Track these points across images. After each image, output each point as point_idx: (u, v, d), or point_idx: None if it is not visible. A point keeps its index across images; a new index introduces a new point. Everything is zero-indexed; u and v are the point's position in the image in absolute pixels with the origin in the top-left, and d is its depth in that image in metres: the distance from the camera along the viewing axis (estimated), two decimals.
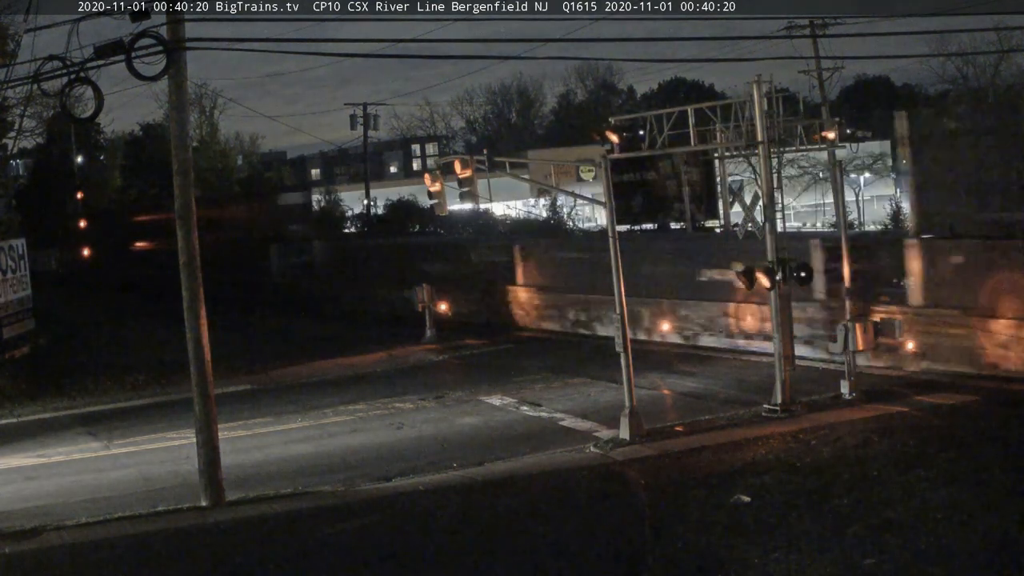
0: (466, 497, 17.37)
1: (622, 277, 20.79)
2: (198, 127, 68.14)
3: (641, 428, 20.32)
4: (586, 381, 26.57)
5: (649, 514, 15.98)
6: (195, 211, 17.87)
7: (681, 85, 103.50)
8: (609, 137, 21.87)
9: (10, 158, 41.87)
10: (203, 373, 17.86)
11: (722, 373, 26.49)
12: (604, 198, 21.40)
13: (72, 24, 17.56)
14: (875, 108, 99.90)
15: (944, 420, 19.89)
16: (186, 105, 17.94)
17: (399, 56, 67.67)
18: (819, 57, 49.43)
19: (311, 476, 19.25)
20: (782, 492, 16.32)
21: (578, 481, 17.99)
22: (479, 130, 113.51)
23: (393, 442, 21.69)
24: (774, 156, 22.12)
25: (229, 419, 22.93)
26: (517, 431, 21.94)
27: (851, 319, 22.46)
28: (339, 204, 63.45)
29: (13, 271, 31.89)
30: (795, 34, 49.03)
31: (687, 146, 23.57)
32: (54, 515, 17.38)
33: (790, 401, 21.42)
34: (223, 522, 16.69)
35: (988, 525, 14.17)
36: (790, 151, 25.47)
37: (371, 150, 72.31)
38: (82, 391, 29.03)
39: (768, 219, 21.63)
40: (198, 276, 17.83)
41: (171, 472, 20.16)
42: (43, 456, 22.30)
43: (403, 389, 27.22)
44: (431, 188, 23.38)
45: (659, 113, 23.47)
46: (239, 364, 30.46)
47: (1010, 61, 72.78)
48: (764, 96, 21.51)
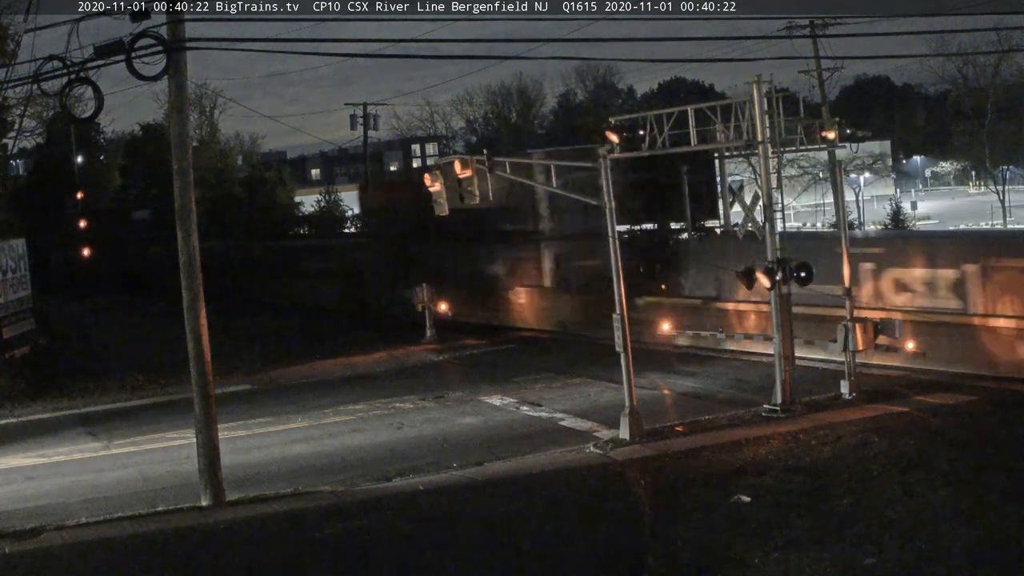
0: (466, 497, 17.37)
1: (622, 279, 20.79)
2: (198, 127, 68.09)
3: (641, 428, 20.32)
4: (586, 381, 26.58)
5: (649, 514, 15.99)
6: (195, 211, 17.88)
7: (681, 85, 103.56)
8: (609, 137, 21.86)
9: (10, 158, 41.82)
10: (203, 373, 17.85)
11: (722, 373, 26.48)
12: (604, 198, 21.39)
13: (72, 24, 17.57)
14: (875, 108, 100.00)
15: (944, 420, 19.89)
16: (186, 105, 17.94)
17: (400, 56, 67.88)
18: (819, 57, 49.49)
19: (311, 476, 19.25)
20: (782, 492, 16.32)
21: (578, 481, 17.98)
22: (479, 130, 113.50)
23: (393, 442, 21.69)
24: (774, 156, 22.10)
25: (229, 419, 22.95)
26: (517, 431, 21.93)
27: (851, 319, 22.46)
28: (339, 204, 63.42)
29: (13, 271, 31.88)
30: (795, 34, 49.10)
31: (687, 146, 23.57)
32: (54, 515, 17.38)
33: (790, 401, 21.42)
34: (223, 522, 16.69)
35: (988, 525, 14.18)
36: (790, 151, 25.42)
37: (371, 150, 72.26)
38: (82, 391, 29.06)
39: (768, 219, 21.64)
40: (198, 276, 17.82)
41: (171, 472, 20.16)
42: (43, 456, 22.31)
43: (403, 389, 27.24)
44: (431, 188, 23.39)
45: (659, 113, 23.46)
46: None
47: (1010, 61, 72.80)
48: (764, 96, 21.50)
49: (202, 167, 57.52)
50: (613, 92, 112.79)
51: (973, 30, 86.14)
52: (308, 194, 69.50)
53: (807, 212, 72.07)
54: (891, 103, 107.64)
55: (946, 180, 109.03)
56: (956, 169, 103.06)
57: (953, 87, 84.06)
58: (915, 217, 61.85)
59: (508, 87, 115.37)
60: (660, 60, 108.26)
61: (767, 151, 21.76)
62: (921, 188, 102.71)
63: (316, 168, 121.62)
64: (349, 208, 63.62)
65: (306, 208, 65.34)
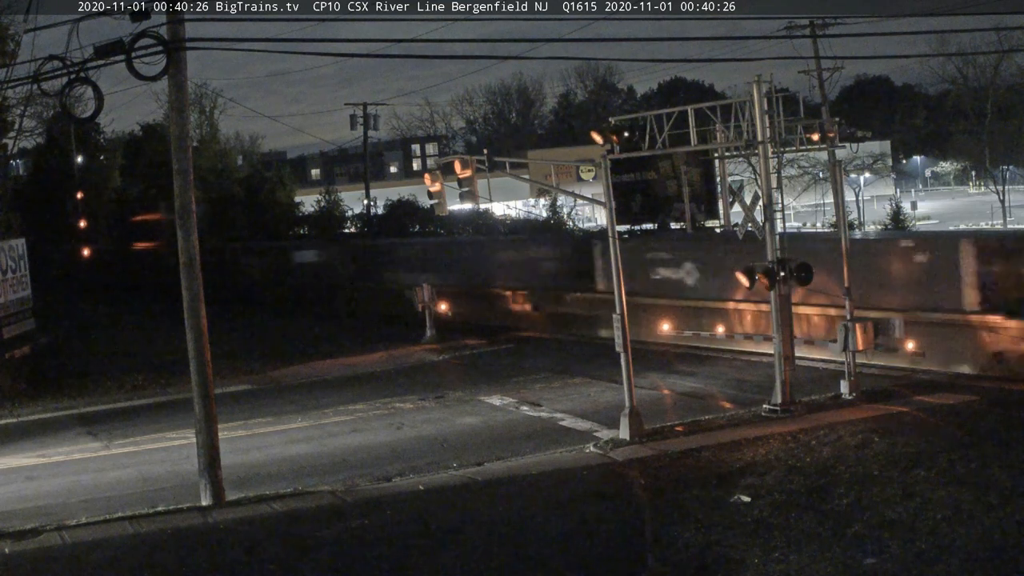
0: (466, 497, 17.37)
1: (620, 279, 20.80)
2: (198, 127, 68.02)
3: (641, 428, 20.32)
4: (586, 381, 26.58)
5: (649, 514, 15.98)
6: (195, 211, 17.89)
7: (681, 85, 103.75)
8: (609, 137, 21.86)
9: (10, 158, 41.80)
10: (203, 373, 17.86)
11: (722, 373, 26.49)
12: (604, 198, 21.40)
13: (72, 24, 17.60)
14: (875, 108, 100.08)
15: (944, 420, 19.89)
16: (186, 105, 17.94)
17: (400, 56, 67.74)
18: (819, 57, 49.47)
19: (311, 476, 19.26)
20: (782, 492, 16.32)
21: (578, 481, 17.98)
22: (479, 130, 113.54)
23: (393, 442, 21.69)
24: (774, 156, 22.10)
25: (229, 419, 22.96)
26: (517, 431, 21.93)
27: (851, 319, 22.46)
28: (339, 204, 63.37)
29: (13, 271, 31.86)
30: (795, 34, 49.09)
31: (687, 146, 23.58)
32: (54, 515, 17.38)
33: (790, 401, 21.42)
34: (223, 522, 16.69)
35: (988, 525, 14.18)
36: (790, 151, 25.44)
37: (371, 150, 72.23)
38: (82, 391, 29.07)
39: (768, 219, 21.64)
40: (198, 276, 17.83)
41: (171, 472, 20.16)
42: (43, 456, 22.31)
43: (403, 389, 27.24)
44: (431, 188, 23.42)
45: (659, 113, 23.47)
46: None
47: (1010, 61, 72.89)
48: (764, 96, 21.50)
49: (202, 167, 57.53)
50: (613, 92, 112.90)
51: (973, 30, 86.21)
52: (308, 194, 69.43)
53: (807, 212, 72.08)
54: (891, 103, 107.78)
55: (946, 180, 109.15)
56: (956, 169, 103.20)
57: (953, 87, 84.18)
58: (915, 217, 61.83)
59: (508, 87, 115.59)
60: (660, 60, 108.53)
61: (767, 151, 21.76)
62: (921, 188, 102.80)
63: (316, 168, 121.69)
64: (349, 208, 63.60)
65: (306, 208, 65.28)
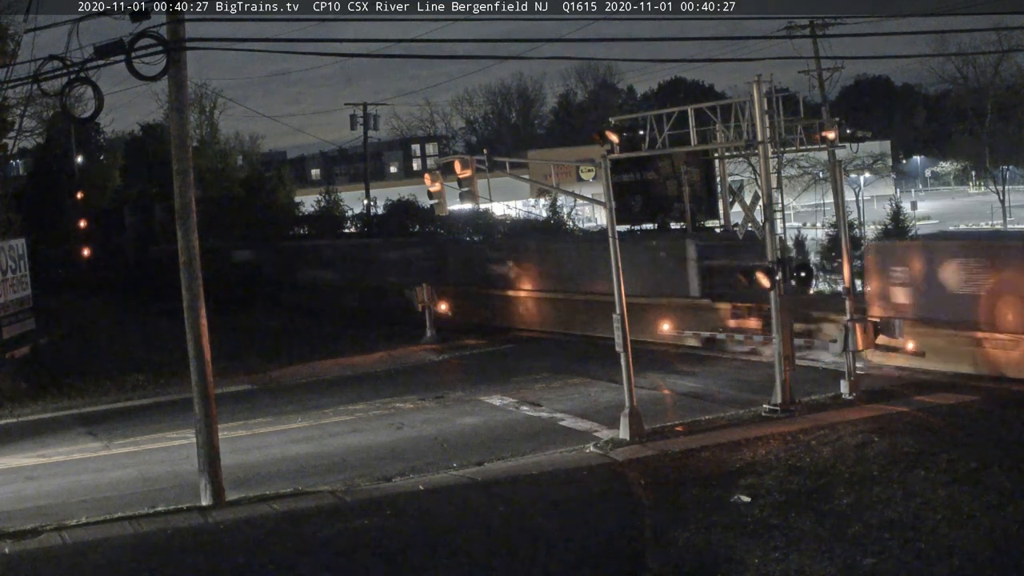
0: (466, 497, 17.37)
1: (622, 277, 20.80)
2: (198, 127, 68.07)
3: (641, 428, 20.31)
4: (586, 381, 26.58)
5: (649, 514, 15.98)
6: (195, 211, 17.88)
7: (681, 85, 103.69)
8: (609, 137, 21.87)
9: (10, 158, 41.83)
10: (203, 373, 17.85)
11: (722, 373, 26.49)
12: (604, 198, 21.40)
13: (72, 24, 17.59)
14: (875, 108, 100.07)
15: (944, 420, 19.88)
16: (186, 105, 17.94)
17: (401, 56, 67.67)
18: (819, 57, 49.43)
19: (311, 476, 19.25)
20: (782, 492, 16.32)
21: (578, 481, 17.98)
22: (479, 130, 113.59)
23: (393, 442, 21.69)
24: (774, 156, 22.10)
25: (229, 419, 22.95)
26: (517, 431, 21.93)
27: (851, 319, 22.46)
28: (339, 204, 63.39)
29: (13, 271, 31.88)
30: (795, 34, 49.06)
31: (687, 146, 23.57)
32: (54, 515, 17.37)
33: (790, 401, 21.42)
34: (223, 522, 16.68)
35: (988, 525, 14.18)
36: (790, 151, 25.43)
37: (371, 150, 72.20)
38: (82, 391, 29.04)
39: (768, 219, 21.64)
40: (198, 276, 17.82)
41: (171, 472, 20.16)
42: (43, 456, 22.31)
43: (403, 389, 27.24)
44: (431, 188, 23.41)
45: (659, 113, 23.46)
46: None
47: (1010, 61, 72.91)
48: (764, 96, 21.49)
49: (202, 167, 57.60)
50: (613, 92, 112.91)
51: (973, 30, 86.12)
52: (308, 194, 69.43)
53: (807, 212, 72.05)
54: (891, 103, 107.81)
55: (946, 180, 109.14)
56: (956, 169, 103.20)
57: (953, 87, 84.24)
58: (915, 217, 61.83)
59: (508, 87, 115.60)
60: (660, 60, 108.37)
61: (767, 151, 21.75)
62: (921, 188, 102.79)
63: (316, 168, 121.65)
64: (349, 208, 63.60)
65: (306, 208, 65.30)
